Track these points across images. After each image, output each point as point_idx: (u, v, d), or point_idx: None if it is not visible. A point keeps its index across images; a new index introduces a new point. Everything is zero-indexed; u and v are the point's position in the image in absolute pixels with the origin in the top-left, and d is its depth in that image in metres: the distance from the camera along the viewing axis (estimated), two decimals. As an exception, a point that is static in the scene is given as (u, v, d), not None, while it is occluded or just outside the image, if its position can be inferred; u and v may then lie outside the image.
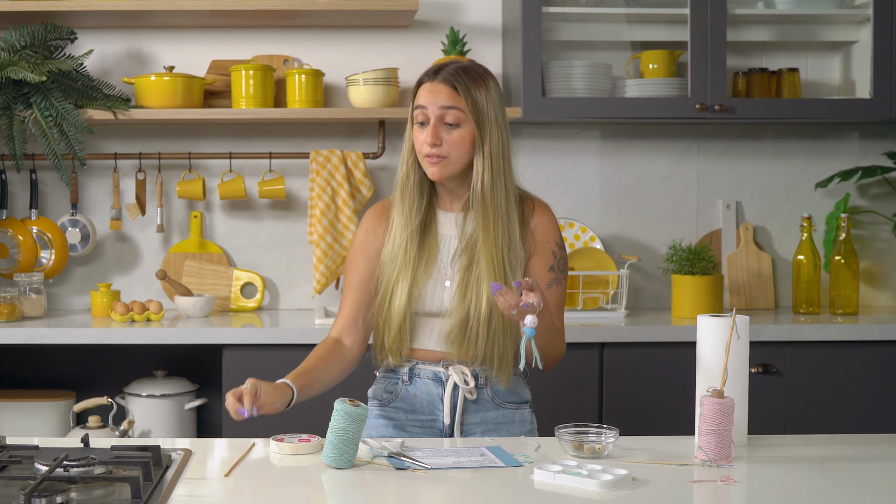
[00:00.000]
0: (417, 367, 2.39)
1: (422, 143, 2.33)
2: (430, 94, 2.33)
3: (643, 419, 3.33)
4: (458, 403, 2.36)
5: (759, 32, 3.84)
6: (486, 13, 3.85)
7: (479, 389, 2.37)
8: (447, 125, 2.32)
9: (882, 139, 3.94)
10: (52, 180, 3.82)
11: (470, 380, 2.35)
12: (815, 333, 3.40)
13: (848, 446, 2.25)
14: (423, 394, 2.38)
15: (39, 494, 1.70)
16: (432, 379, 2.38)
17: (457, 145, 2.31)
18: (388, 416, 2.40)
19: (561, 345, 2.37)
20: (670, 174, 3.92)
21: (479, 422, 2.38)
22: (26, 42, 3.57)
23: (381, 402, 2.42)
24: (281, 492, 1.90)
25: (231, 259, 3.86)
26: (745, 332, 2.09)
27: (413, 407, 2.39)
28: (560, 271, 2.43)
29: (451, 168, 2.33)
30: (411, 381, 2.39)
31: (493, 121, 2.33)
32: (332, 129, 3.84)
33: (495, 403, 2.39)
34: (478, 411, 2.38)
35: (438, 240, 2.39)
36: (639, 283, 3.91)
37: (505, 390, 2.39)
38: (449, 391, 2.36)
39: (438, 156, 2.31)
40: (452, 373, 2.35)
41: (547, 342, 2.29)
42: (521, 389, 2.44)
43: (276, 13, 3.61)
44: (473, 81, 2.33)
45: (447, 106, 2.31)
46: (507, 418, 2.39)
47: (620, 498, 1.81)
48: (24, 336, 3.31)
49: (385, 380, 2.44)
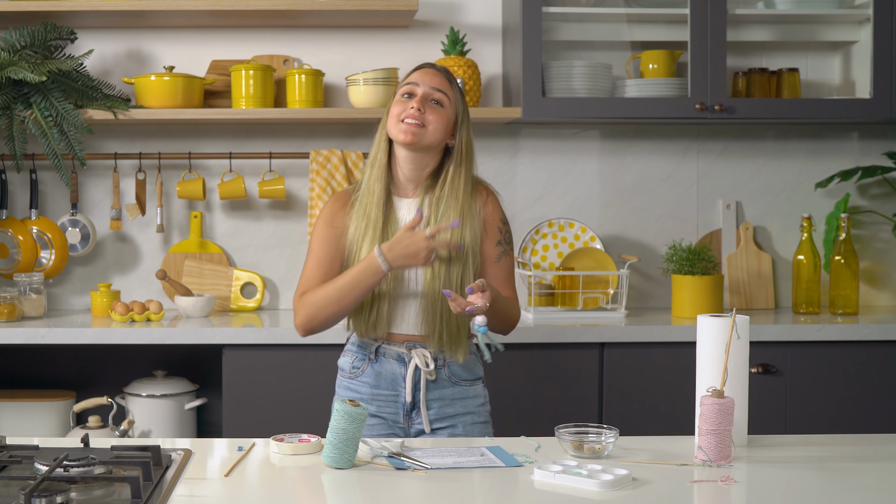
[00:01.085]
0: (383, 346, 2.57)
1: (402, 110, 2.50)
2: (424, 75, 2.55)
3: (643, 419, 3.33)
4: (420, 382, 2.55)
5: (759, 32, 3.84)
6: (486, 13, 3.85)
7: (437, 370, 2.56)
8: (433, 102, 2.52)
9: (882, 139, 3.94)
10: (52, 180, 3.82)
11: (430, 362, 2.54)
12: (814, 333, 3.40)
13: (848, 446, 2.25)
14: (388, 372, 2.57)
15: (39, 494, 1.70)
16: (396, 359, 2.57)
17: (437, 121, 2.50)
18: (354, 389, 2.59)
19: (516, 313, 2.60)
20: (670, 174, 3.92)
21: (436, 398, 2.56)
22: (26, 42, 3.57)
23: (349, 374, 2.61)
24: (281, 492, 1.90)
25: (231, 259, 3.86)
26: (745, 332, 2.09)
27: (378, 382, 2.57)
28: (507, 244, 2.63)
29: (425, 139, 2.50)
30: (377, 359, 2.58)
31: (467, 123, 2.58)
32: (332, 129, 3.84)
33: (451, 382, 2.58)
34: (436, 389, 2.56)
35: (397, 223, 2.56)
36: (639, 283, 3.91)
37: (461, 368, 2.58)
38: (411, 372, 2.54)
39: (419, 123, 2.48)
40: (415, 356, 2.54)
41: (503, 319, 2.53)
42: (475, 367, 2.63)
43: (276, 13, 3.61)
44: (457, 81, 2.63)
45: (437, 88, 2.53)
46: (461, 394, 2.59)
47: (620, 498, 1.81)
48: (24, 336, 3.31)
49: (353, 354, 2.62)
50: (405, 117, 2.49)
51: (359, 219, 2.56)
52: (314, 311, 2.53)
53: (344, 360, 2.65)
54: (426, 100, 2.51)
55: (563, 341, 3.32)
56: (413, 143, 2.48)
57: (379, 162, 2.56)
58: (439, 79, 2.54)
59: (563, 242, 3.79)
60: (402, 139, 2.49)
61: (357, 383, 2.59)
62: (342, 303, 2.49)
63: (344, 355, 2.66)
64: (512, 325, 2.60)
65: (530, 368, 3.34)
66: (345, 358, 2.65)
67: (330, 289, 2.50)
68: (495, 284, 2.54)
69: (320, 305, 2.51)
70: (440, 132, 2.51)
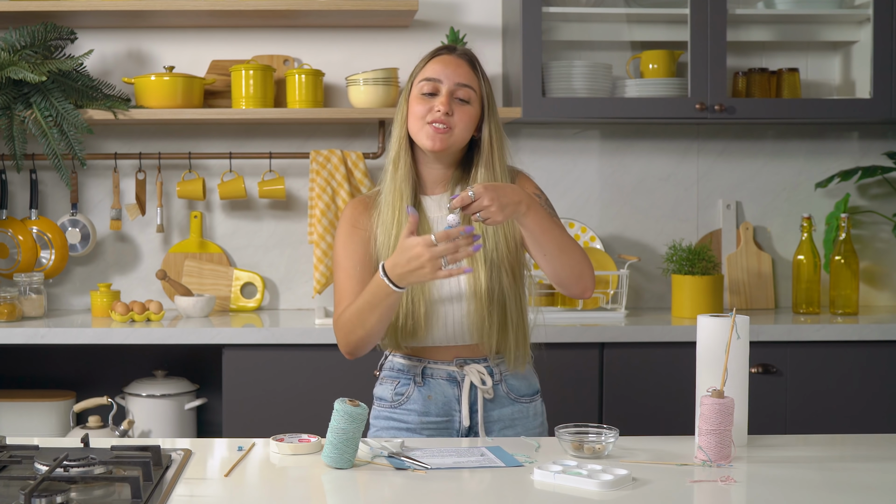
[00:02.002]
0: (429, 366, 2.33)
1: (426, 112, 2.28)
2: (447, 66, 2.30)
3: (643, 419, 3.33)
4: (477, 404, 2.31)
5: (759, 32, 3.84)
6: (486, 13, 3.85)
7: (494, 386, 2.33)
8: (458, 100, 2.29)
9: (882, 139, 3.94)
10: (52, 180, 3.82)
11: (487, 379, 2.31)
12: (815, 333, 3.40)
13: (848, 446, 2.25)
14: (438, 395, 2.32)
15: (39, 494, 1.70)
16: (446, 379, 2.33)
17: (464, 120, 2.29)
18: (399, 419, 2.34)
19: (580, 256, 2.26)
20: (670, 174, 3.92)
21: (495, 419, 2.34)
22: (26, 42, 3.57)
23: (391, 403, 2.36)
24: (281, 492, 1.90)
25: (231, 259, 3.86)
26: (745, 332, 2.09)
27: (427, 409, 2.33)
28: (549, 207, 2.37)
29: (454, 141, 2.29)
30: (424, 381, 2.33)
31: (495, 106, 2.34)
32: (332, 129, 3.84)
33: (510, 399, 2.35)
34: (494, 409, 2.34)
35: (429, 223, 2.34)
36: (639, 283, 3.91)
37: (518, 383, 2.36)
38: (466, 391, 2.31)
39: (447, 127, 2.27)
40: (468, 372, 2.30)
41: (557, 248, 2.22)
42: (532, 378, 2.41)
43: (276, 13, 3.61)
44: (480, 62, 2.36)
45: (463, 83, 2.29)
46: (521, 413, 2.37)
47: (620, 498, 1.81)
48: (24, 336, 3.31)
49: (393, 380, 2.37)
50: (432, 121, 2.27)
51: (387, 224, 2.31)
52: (345, 335, 2.27)
53: (382, 388, 2.37)
54: (451, 97, 2.28)
55: (563, 341, 3.31)
56: (444, 148, 2.28)
57: (403, 161, 2.32)
58: (463, 69, 2.30)
59: (563, 242, 3.79)
60: (430, 146, 2.27)
61: (402, 412, 2.33)
62: (366, 326, 2.22)
63: (381, 383, 2.38)
64: (571, 267, 2.24)
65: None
66: (383, 386, 2.37)
67: (352, 311, 2.24)
68: None
69: (347, 330, 2.26)
70: (468, 131, 2.30)
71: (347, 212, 2.40)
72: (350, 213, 2.39)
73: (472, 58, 2.34)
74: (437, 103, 2.27)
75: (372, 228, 2.34)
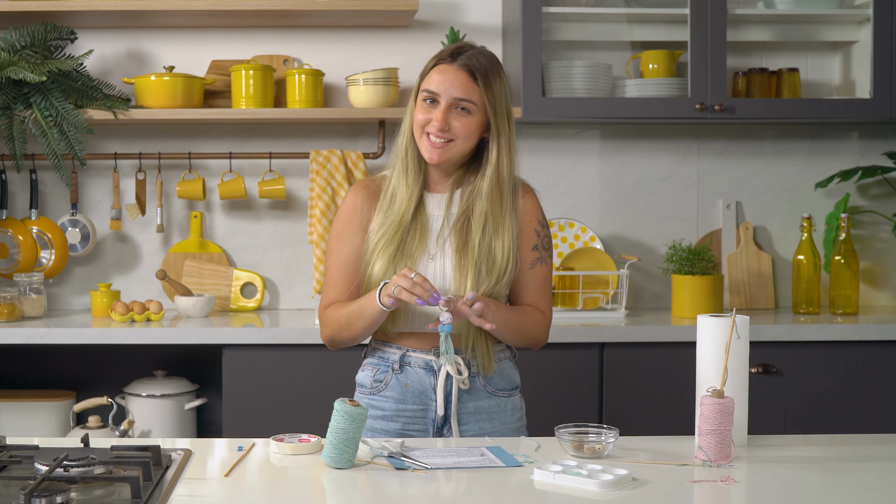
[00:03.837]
0: (408, 354, 2.35)
1: (425, 122, 2.31)
2: (445, 79, 2.30)
3: (643, 419, 3.33)
4: (452, 393, 2.33)
5: (759, 32, 3.84)
6: (486, 13, 3.85)
7: (471, 378, 2.34)
8: (459, 109, 2.30)
9: (882, 139, 3.94)
10: (52, 180, 3.82)
11: (463, 369, 2.31)
12: (815, 333, 3.40)
13: (848, 446, 2.25)
14: (415, 383, 2.34)
15: (39, 494, 1.70)
16: (424, 368, 2.34)
17: (464, 132, 2.30)
18: (377, 405, 2.36)
19: (534, 329, 2.38)
20: (670, 174, 3.92)
21: (472, 411, 2.35)
22: (26, 42, 3.57)
23: (370, 390, 2.37)
24: (281, 492, 1.90)
25: (231, 259, 3.86)
26: (745, 332, 2.09)
27: (404, 396, 2.34)
28: (544, 249, 2.41)
29: (452, 154, 2.31)
30: (402, 369, 2.35)
31: (506, 111, 2.34)
32: (332, 129, 3.84)
33: (487, 392, 2.36)
34: (470, 400, 2.35)
35: (428, 219, 2.36)
36: (639, 283, 3.91)
37: (496, 376, 2.37)
38: (442, 381, 2.32)
39: (446, 140, 2.30)
40: (445, 362, 2.29)
41: (514, 333, 2.34)
42: (512, 374, 2.42)
43: (276, 13, 3.61)
44: (491, 68, 2.33)
45: (460, 98, 2.30)
46: (499, 407, 2.37)
47: (620, 498, 1.81)
48: (24, 336, 3.31)
49: (373, 367, 2.38)
50: (429, 133, 2.30)
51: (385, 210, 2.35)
52: (332, 331, 2.37)
53: (363, 374, 2.41)
54: (450, 109, 2.30)
55: (563, 341, 3.31)
56: (440, 162, 2.32)
57: (411, 156, 2.36)
58: (461, 81, 2.29)
59: (563, 242, 3.79)
60: (428, 158, 2.32)
61: (379, 399, 2.35)
62: (352, 331, 2.32)
63: (363, 369, 2.42)
64: (527, 341, 2.38)
65: (530, 368, 3.33)
66: (364, 372, 2.41)
67: (342, 314, 2.33)
68: (526, 294, 2.38)
69: (334, 329, 2.36)
70: (469, 140, 2.32)
71: (350, 196, 2.42)
72: (352, 199, 2.41)
73: (473, 68, 2.30)
74: (434, 117, 2.30)
75: (371, 217, 2.38)
